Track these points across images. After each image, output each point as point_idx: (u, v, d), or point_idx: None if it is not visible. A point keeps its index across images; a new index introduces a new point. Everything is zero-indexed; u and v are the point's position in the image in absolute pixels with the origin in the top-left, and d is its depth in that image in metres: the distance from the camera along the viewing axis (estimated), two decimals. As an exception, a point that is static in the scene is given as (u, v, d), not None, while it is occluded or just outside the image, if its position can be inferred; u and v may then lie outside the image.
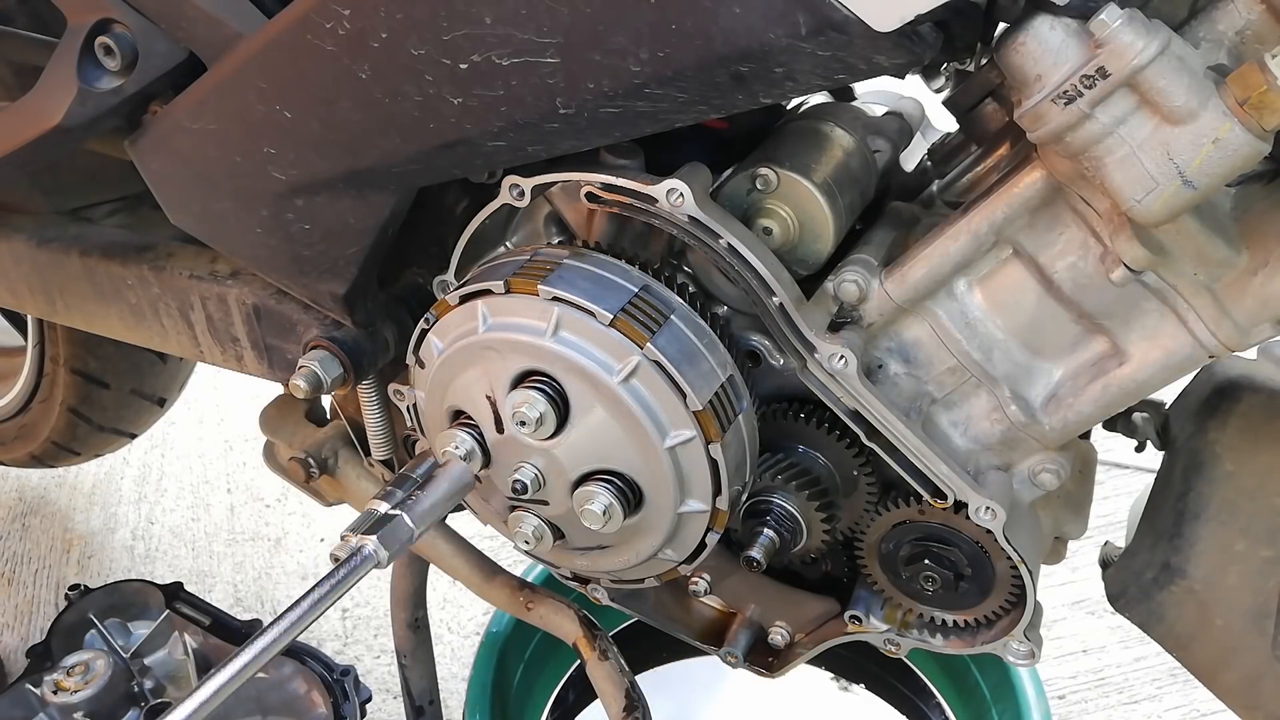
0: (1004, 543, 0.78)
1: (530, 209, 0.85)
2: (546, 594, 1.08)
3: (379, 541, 0.75)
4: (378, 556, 0.75)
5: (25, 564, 2.07)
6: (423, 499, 0.78)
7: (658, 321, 0.74)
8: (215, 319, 1.04)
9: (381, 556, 0.75)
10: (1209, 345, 0.71)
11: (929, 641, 0.90)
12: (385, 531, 0.76)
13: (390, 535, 0.76)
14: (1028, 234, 0.74)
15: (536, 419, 0.74)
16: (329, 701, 1.46)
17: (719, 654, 0.98)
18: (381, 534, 0.76)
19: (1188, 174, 0.61)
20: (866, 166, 0.87)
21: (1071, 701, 1.76)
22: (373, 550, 0.75)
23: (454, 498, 0.80)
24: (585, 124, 0.70)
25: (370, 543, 0.75)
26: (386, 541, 0.76)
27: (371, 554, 0.75)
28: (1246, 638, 0.79)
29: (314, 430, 1.13)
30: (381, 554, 0.75)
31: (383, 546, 0.75)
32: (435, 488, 0.79)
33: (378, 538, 0.75)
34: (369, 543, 0.75)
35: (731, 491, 0.77)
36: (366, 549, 0.75)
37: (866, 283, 0.77)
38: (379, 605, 1.94)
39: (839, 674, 1.61)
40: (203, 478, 2.32)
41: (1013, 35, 0.63)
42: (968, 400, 0.81)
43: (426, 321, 0.82)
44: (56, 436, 1.78)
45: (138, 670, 1.50)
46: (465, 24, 0.68)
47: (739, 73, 0.63)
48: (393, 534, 0.76)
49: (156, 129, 0.87)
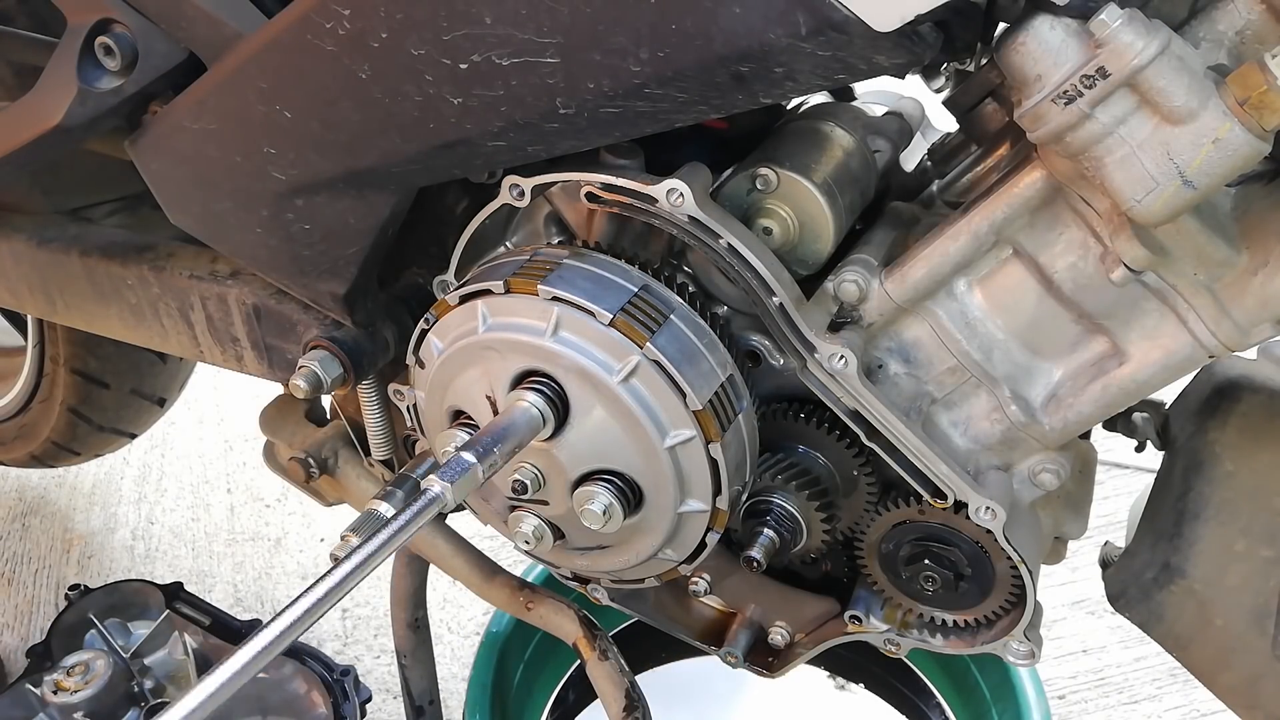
0: (1004, 543, 0.78)
1: (530, 209, 0.85)
2: (546, 594, 1.08)
3: (446, 480, 0.68)
4: (445, 498, 0.68)
5: (25, 564, 2.07)
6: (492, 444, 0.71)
7: (657, 321, 0.74)
8: (215, 319, 1.04)
9: (448, 499, 0.68)
10: (1209, 345, 0.71)
11: (929, 641, 0.90)
12: (453, 470, 0.69)
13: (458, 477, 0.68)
14: (1028, 234, 0.74)
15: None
16: (329, 701, 1.47)
17: (719, 654, 0.98)
18: (448, 472, 0.69)
19: (1188, 174, 0.61)
20: (866, 166, 0.87)
21: (1071, 701, 1.76)
22: (439, 491, 0.68)
23: (523, 445, 0.74)
24: (585, 124, 0.70)
25: (437, 484, 0.68)
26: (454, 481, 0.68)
27: (439, 495, 0.68)
28: (1246, 638, 0.79)
29: (314, 430, 1.13)
30: (448, 496, 0.68)
31: (450, 487, 0.68)
32: (506, 433, 0.72)
33: (445, 479, 0.68)
34: (436, 484, 0.68)
35: (731, 491, 0.77)
36: (434, 490, 0.68)
37: (866, 283, 0.77)
38: (379, 605, 1.94)
39: (839, 674, 1.61)
40: (203, 478, 2.32)
41: (1013, 35, 0.63)
42: (968, 400, 0.81)
43: (426, 321, 0.82)
44: (56, 436, 1.78)
45: (138, 670, 1.50)
46: (465, 24, 0.68)
47: (739, 73, 0.63)
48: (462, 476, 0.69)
49: (156, 129, 0.87)
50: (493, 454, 0.71)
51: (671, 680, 1.53)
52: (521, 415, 0.74)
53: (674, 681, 1.53)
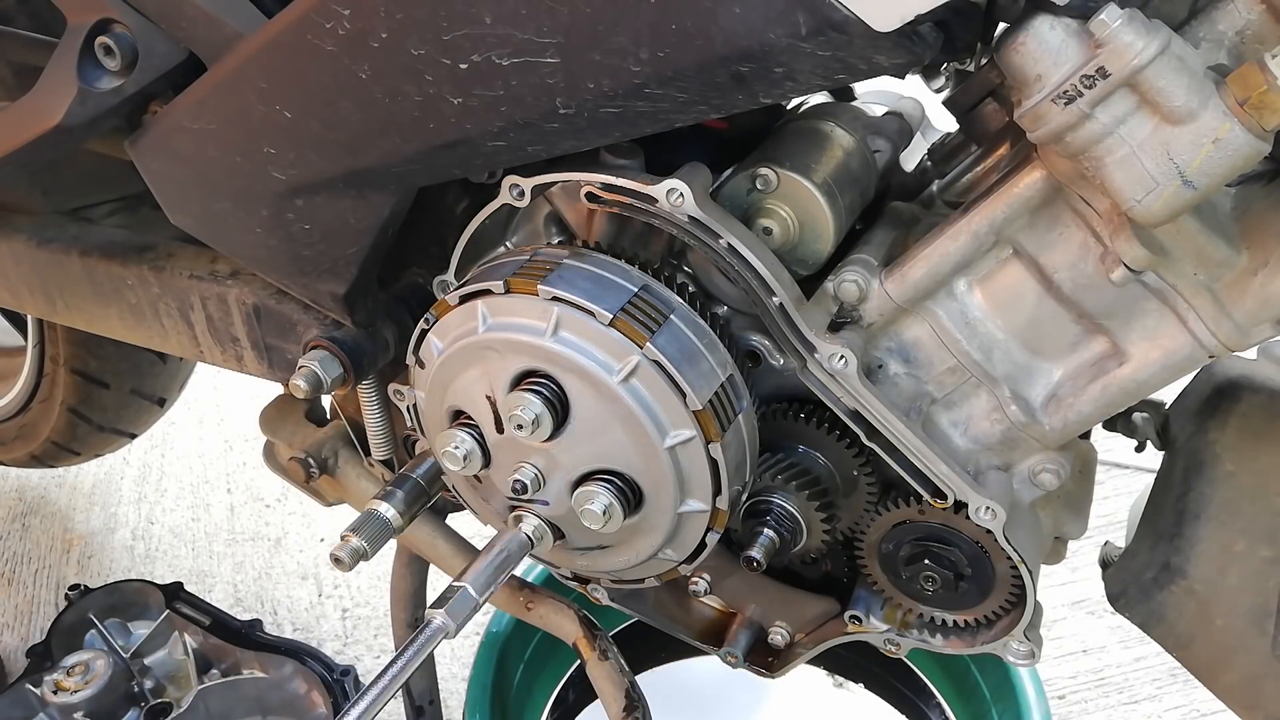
0: (1004, 543, 0.78)
1: (530, 209, 0.85)
2: (546, 594, 1.08)
3: (446, 614, 0.77)
4: (447, 628, 0.77)
5: (25, 564, 2.07)
6: (483, 568, 0.80)
7: (657, 321, 0.74)
8: (215, 319, 1.04)
9: (450, 628, 0.77)
10: (1209, 345, 0.71)
11: (929, 641, 0.90)
12: (453, 603, 0.77)
13: (457, 607, 0.78)
14: (1028, 234, 0.74)
15: (532, 421, 0.75)
16: (329, 701, 1.47)
17: (719, 654, 0.98)
18: (450, 606, 0.77)
19: (1188, 174, 0.61)
20: (866, 166, 0.87)
21: (1072, 702, 1.76)
22: (442, 623, 0.77)
23: (512, 567, 0.82)
24: (585, 124, 0.70)
25: (439, 616, 0.77)
26: (454, 613, 0.77)
27: (441, 626, 0.77)
28: (1246, 638, 0.79)
29: (314, 430, 1.13)
30: (450, 625, 0.77)
31: (450, 618, 0.77)
32: (494, 557, 0.81)
33: (445, 610, 0.77)
34: (438, 616, 0.77)
35: (731, 491, 0.77)
36: (436, 622, 0.77)
37: (866, 283, 0.77)
38: (379, 605, 1.94)
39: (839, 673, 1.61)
40: (203, 478, 2.32)
41: (1013, 35, 0.63)
42: (968, 400, 0.81)
43: (426, 321, 0.82)
44: (56, 436, 1.78)
45: (138, 670, 1.50)
46: (465, 24, 0.68)
47: (739, 73, 0.63)
48: (459, 606, 0.78)
49: (156, 129, 0.87)
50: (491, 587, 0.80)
51: (671, 680, 1.53)
52: (513, 542, 0.82)
53: (674, 681, 1.53)
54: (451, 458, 0.81)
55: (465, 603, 0.78)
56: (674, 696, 1.52)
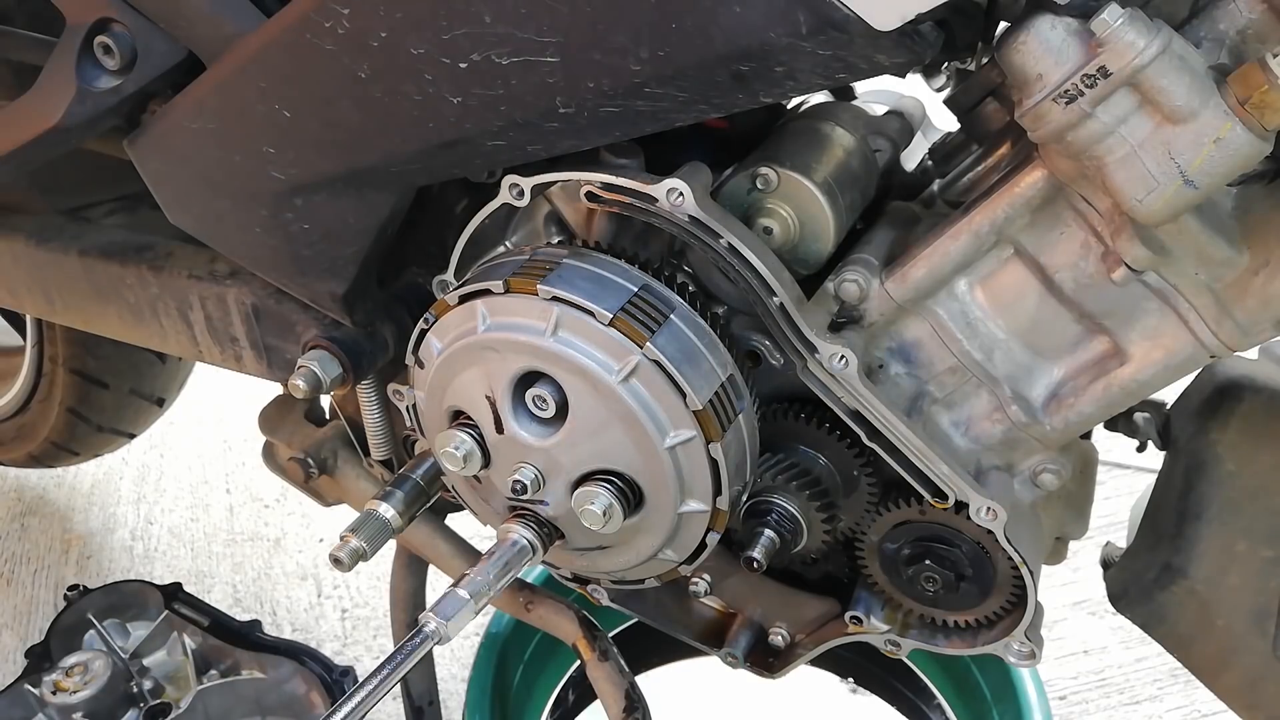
0: (1005, 543, 0.78)
1: (530, 208, 0.85)
2: (546, 594, 1.08)
3: (440, 618, 0.77)
4: (440, 633, 0.76)
5: (24, 564, 2.07)
6: (483, 573, 0.79)
7: (657, 321, 0.74)
8: (214, 319, 1.03)
9: (444, 633, 0.76)
10: (1210, 345, 0.71)
11: (930, 642, 0.90)
12: (446, 603, 0.77)
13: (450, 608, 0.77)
14: (1029, 234, 0.74)
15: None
16: (329, 702, 1.46)
17: (719, 655, 0.98)
18: (441, 607, 0.77)
19: (1189, 173, 0.61)
20: (867, 166, 0.87)
21: (1073, 702, 1.76)
22: (435, 628, 0.76)
23: (513, 574, 0.81)
24: (585, 123, 0.70)
25: (433, 620, 0.76)
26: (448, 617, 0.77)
27: (434, 631, 0.76)
28: (1248, 638, 0.79)
29: (313, 430, 1.12)
30: (444, 630, 0.76)
31: (445, 622, 0.76)
32: (494, 563, 0.80)
33: (438, 614, 0.77)
34: (431, 620, 0.76)
35: (732, 491, 0.77)
36: (430, 627, 0.76)
37: (867, 282, 0.77)
38: (379, 605, 1.94)
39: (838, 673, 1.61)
40: (202, 478, 2.32)
41: (1014, 34, 0.63)
42: (969, 400, 0.80)
43: (426, 321, 0.82)
44: (55, 436, 1.78)
45: (136, 671, 1.49)
46: (465, 23, 0.68)
47: (739, 72, 0.63)
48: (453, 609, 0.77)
49: (156, 128, 0.87)
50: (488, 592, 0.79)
51: (671, 680, 1.52)
52: (511, 550, 0.81)
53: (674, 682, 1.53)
54: (451, 458, 0.81)
55: (458, 605, 0.77)
56: (674, 697, 1.52)
